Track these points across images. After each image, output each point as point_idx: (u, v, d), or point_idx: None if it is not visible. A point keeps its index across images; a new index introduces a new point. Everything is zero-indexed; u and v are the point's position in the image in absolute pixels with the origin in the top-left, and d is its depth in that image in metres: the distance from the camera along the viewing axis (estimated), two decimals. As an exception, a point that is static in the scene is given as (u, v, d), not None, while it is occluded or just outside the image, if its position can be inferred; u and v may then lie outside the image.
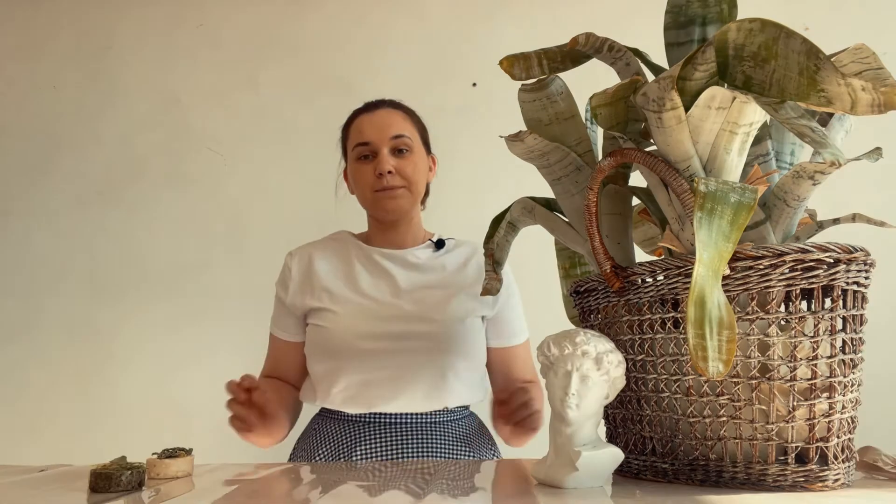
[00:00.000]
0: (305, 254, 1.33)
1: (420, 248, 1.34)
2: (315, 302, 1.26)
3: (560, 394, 0.74)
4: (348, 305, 1.24)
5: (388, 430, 1.20)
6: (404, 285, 1.27)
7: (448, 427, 1.24)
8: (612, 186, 0.91)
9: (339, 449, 1.20)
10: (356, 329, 1.22)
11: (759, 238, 0.78)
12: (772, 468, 0.70)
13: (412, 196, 1.30)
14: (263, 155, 2.12)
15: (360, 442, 1.19)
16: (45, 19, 2.25)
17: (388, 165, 1.26)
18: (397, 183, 1.27)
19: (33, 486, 0.83)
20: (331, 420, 1.25)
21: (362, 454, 1.18)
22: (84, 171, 2.16)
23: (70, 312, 2.11)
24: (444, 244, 1.36)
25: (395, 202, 1.28)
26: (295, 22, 2.17)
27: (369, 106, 1.34)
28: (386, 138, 1.27)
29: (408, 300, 1.25)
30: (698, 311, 0.60)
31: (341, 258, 1.32)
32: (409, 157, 1.29)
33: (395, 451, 1.18)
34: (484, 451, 1.27)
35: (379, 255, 1.32)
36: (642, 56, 0.87)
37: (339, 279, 1.28)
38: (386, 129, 1.28)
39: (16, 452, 2.03)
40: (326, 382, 1.23)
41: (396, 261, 1.31)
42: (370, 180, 1.28)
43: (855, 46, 0.70)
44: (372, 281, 1.28)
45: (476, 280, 1.30)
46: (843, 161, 0.69)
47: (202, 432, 1.91)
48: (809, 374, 0.70)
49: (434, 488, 0.79)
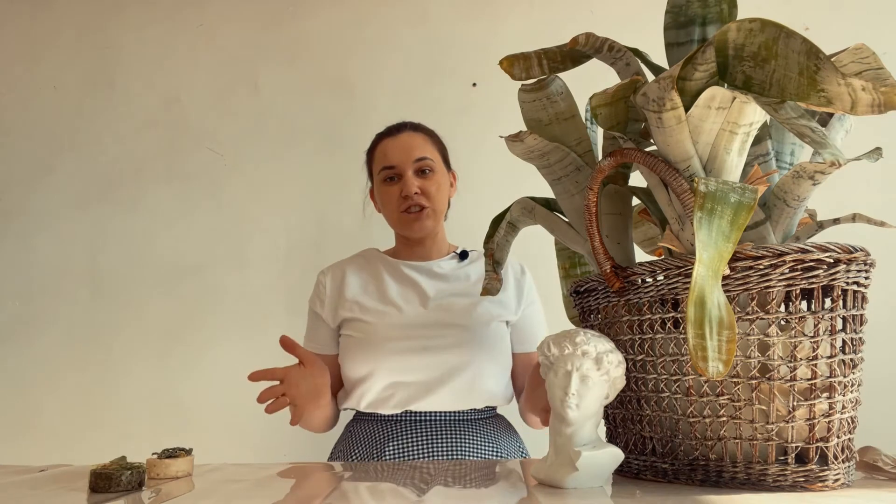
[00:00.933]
0: (339, 270, 1.41)
1: (445, 259, 1.42)
2: (347, 313, 1.34)
3: (560, 394, 0.74)
4: (379, 315, 1.31)
5: (419, 428, 1.26)
6: (431, 294, 1.34)
7: (476, 426, 1.29)
8: (612, 186, 0.91)
9: (371, 448, 1.26)
10: (387, 335, 1.28)
11: (759, 238, 0.78)
12: (772, 468, 0.70)
13: (436, 215, 1.37)
14: (263, 155, 2.12)
15: (391, 439, 1.25)
16: (45, 19, 2.25)
17: (413, 187, 1.33)
18: (423, 203, 1.34)
19: (33, 486, 0.83)
20: (365, 422, 1.32)
21: (393, 451, 1.23)
22: (84, 171, 2.16)
23: (70, 312, 2.10)
24: (467, 255, 1.43)
25: (421, 223, 1.35)
26: (295, 22, 2.17)
27: (392, 130, 1.41)
28: (410, 161, 1.35)
29: (435, 308, 1.32)
30: (698, 311, 0.60)
31: (371, 272, 1.40)
32: (432, 178, 1.36)
33: (426, 449, 1.24)
34: (512, 449, 1.31)
35: (406, 267, 1.39)
36: (642, 56, 0.87)
37: (369, 291, 1.36)
38: (409, 152, 1.35)
39: (16, 452, 2.03)
40: (361, 387, 1.29)
41: (423, 272, 1.38)
42: (396, 202, 1.35)
43: (855, 46, 0.70)
44: (401, 291, 1.35)
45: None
46: (843, 161, 0.69)
47: (202, 432, 1.92)
48: (809, 374, 0.70)
49: (434, 488, 0.79)
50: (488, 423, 1.31)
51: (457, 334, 1.28)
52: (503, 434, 1.32)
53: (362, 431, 1.30)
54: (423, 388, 1.26)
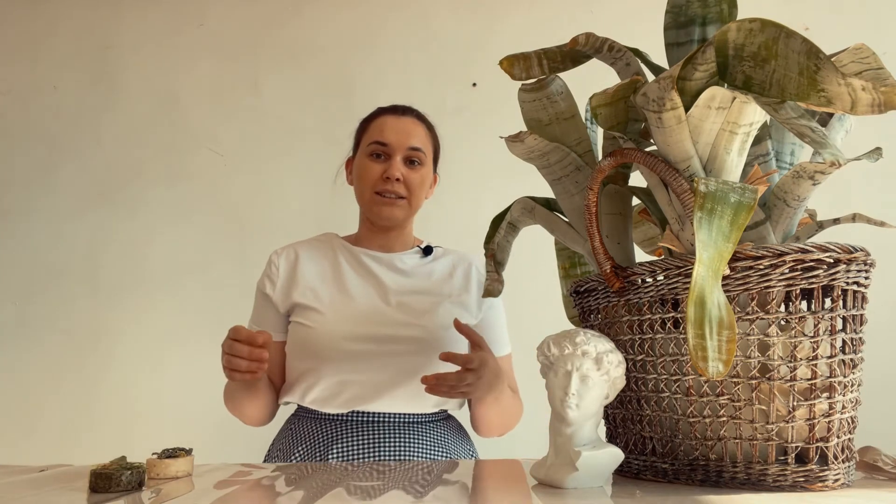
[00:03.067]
0: (292, 251, 1.34)
1: (408, 253, 1.35)
2: (300, 298, 1.26)
3: (560, 394, 0.74)
4: (334, 306, 1.24)
5: (365, 429, 1.20)
6: (391, 289, 1.28)
7: (427, 428, 1.23)
8: (612, 186, 0.91)
9: (315, 448, 1.19)
10: (341, 330, 1.21)
11: (759, 238, 0.78)
12: (772, 468, 0.70)
13: (410, 208, 1.31)
14: (263, 155, 2.12)
15: (336, 440, 1.18)
16: (45, 19, 2.25)
17: (398, 172, 1.27)
18: (401, 192, 1.28)
19: (33, 486, 0.83)
20: (307, 419, 1.24)
21: (338, 453, 1.17)
22: (84, 171, 2.16)
23: (70, 312, 2.11)
24: (431, 251, 1.36)
25: (392, 210, 1.29)
26: (295, 22, 2.17)
27: (397, 109, 1.34)
28: (404, 145, 1.29)
29: (394, 304, 1.26)
30: (698, 311, 0.60)
31: (328, 259, 1.33)
32: (418, 170, 1.30)
33: (374, 451, 1.18)
34: (462, 453, 1.27)
35: (367, 257, 1.32)
36: (642, 56, 0.87)
37: (325, 279, 1.29)
38: (407, 137, 1.29)
39: (16, 452, 2.03)
40: (306, 381, 1.22)
41: (384, 263, 1.32)
42: (375, 179, 1.28)
43: (855, 46, 0.70)
44: (359, 283, 1.28)
45: (462, 289, 1.32)
46: (843, 161, 0.69)
47: (202, 432, 1.92)
48: (809, 374, 0.70)
49: (434, 488, 0.79)
50: (439, 425, 1.26)
51: (414, 334, 1.22)
52: (454, 437, 1.27)
53: (305, 429, 1.23)
54: (372, 389, 1.19)
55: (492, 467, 0.96)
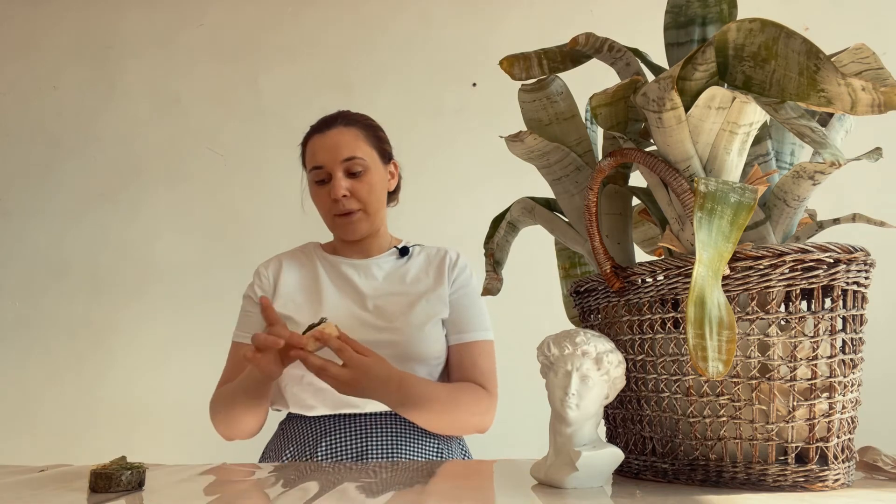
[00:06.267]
0: (276, 262, 1.37)
1: (384, 255, 1.37)
2: (281, 308, 1.28)
3: (560, 394, 0.74)
4: (312, 314, 1.26)
5: (353, 428, 1.22)
6: (368, 296, 1.30)
7: (413, 426, 1.24)
8: (612, 186, 0.91)
9: (303, 447, 1.23)
10: None
11: (759, 238, 0.78)
12: (772, 468, 0.70)
13: (369, 217, 1.31)
14: (263, 155, 2.12)
15: (323, 438, 1.22)
16: (45, 19, 2.25)
17: (341, 190, 1.26)
18: (353, 206, 1.28)
19: (33, 486, 0.83)
20: (297, 421, 1.28)
21: (326, 451, 1.20)
22: (84, 171, 2.16)
23: (70, 312, 2.11)
24: (408, 251, 1.37)
25: (353, 227, 1.30)
26: (295, 22, 2.17)
27: (321, 125, 1.33)
28: (338, 161, 1.27)
29: (371, 310, 1.28)
30: (698, 311, 0.60)
31: (308, 269, 1.36)
32: (363, 179, 1.29)
33: (360, 449, 1.20)
34: (454, 452, 1.28)
35: (345, 265, 1.35)
36: (642, 56, 0.87)
37: (304, 290, 1.32)
38: (338, 151, 1.27)
39: (16, 452, 2.03)
40: (293, 388, 1.25)
41: (361, 270, 1.34)
42: (327, 204, 1.30)
43: (855, 46, 0.70)
44: (336, 291, 1.31)
45: (436, 283, 1.32)
46: (843, 161, 0.69)
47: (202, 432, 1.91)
48: (809, 374, 0.70)
49: (434, 488, 0.79)
50: None
51: (389, 338, 1.24)
52: (443, 435, 1.27)
53: (294, 430, 1.27)
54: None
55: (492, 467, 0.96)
